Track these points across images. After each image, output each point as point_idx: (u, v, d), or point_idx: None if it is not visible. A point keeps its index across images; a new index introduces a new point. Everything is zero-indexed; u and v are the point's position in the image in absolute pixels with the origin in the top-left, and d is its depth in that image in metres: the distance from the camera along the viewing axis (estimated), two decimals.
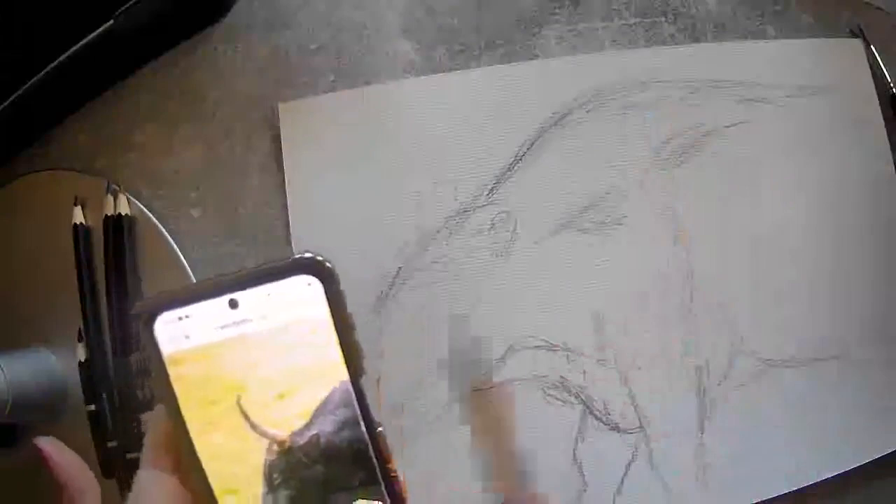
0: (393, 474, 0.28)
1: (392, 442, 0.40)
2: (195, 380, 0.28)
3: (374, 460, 0.28)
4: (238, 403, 0.27)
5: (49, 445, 0.30)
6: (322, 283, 0.28)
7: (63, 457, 0.30)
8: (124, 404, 0.40)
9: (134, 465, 0.31)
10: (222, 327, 0.28)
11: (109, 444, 0.39)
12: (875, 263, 0.43)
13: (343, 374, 0.28)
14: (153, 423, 0.29)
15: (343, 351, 0.28)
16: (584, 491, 0.39)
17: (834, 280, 0.43)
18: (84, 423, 0.40)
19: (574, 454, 0.39)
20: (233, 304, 0.28)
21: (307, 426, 0.28)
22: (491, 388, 0.39)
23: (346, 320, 0.28)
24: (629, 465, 0.39)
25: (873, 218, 0.44)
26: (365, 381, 0.29)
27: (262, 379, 0.28)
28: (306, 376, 0.28)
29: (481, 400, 0.39)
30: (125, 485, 0.33)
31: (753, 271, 0.42)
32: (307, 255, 0.28)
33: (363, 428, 0.28)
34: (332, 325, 0.28)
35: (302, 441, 0.28)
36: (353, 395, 0.28)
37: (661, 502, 0.38)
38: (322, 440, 0.28)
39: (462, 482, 0.39)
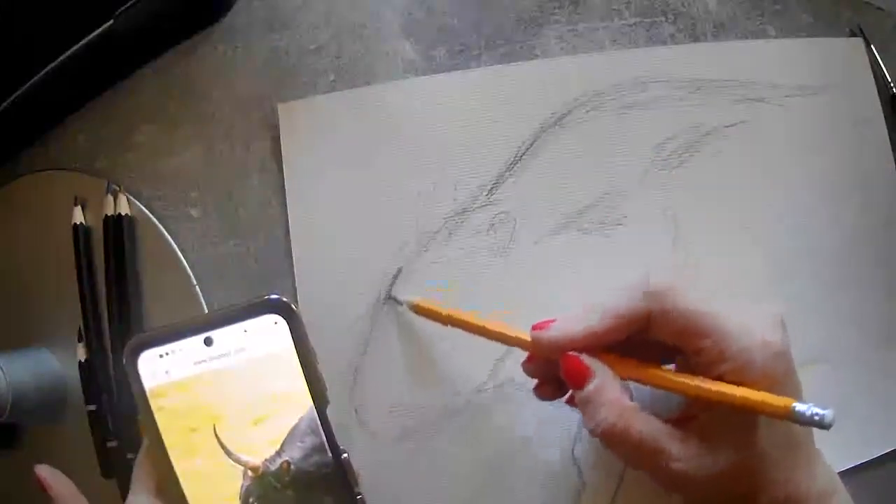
0: (359, 496, 0.29)
1: (391, 442, 0.40)
2: (176, 410, 0.30)
3: (341, 485, 0.29)
4: (214, 432, 0.29)
5: (46, 473, 0.33)
6: (287, 321, 0.30)
7: (58, 482, 0.33)
8: (124, 404, 0.40)
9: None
10: (199, 362, 0.30)
11: (109, 444, 0.39)
12: (875, 263, 0.43)
13: (309, 404, 0.30)
14: (141, 450, 0.31)
15: (308, 383, 0.30)
16: (582, 490, 0.39)
17: (833, 280, 0.43)
18: (84, 423, 0.40)
19: (573, 454, 0.39)
20: (207, 342, 0.30)
21: (278, 453, 0.30)
22: (490, 389, 0.39)
23: (309, 355, 0.30)
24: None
25: (874, 218, 0.44)
26: (330, 410, 0.30)
27: (237, 408, 0.30)
28: (277, 405, 0.30)
29: (480, 401, 0.39)
30: (125, 485, 0.34)
31: (753, 271, 0.42)
32: (273, 296, 0.31)
33: (329, 454, 0.29)
34: (298, 360, 0.30)
35: (273, 467, 0.29)
36: (319, 423, 0.29)
37: (658, 502, 0.38)
38: (292, 467, 0.30)
39: (461, 482, 0.39)
